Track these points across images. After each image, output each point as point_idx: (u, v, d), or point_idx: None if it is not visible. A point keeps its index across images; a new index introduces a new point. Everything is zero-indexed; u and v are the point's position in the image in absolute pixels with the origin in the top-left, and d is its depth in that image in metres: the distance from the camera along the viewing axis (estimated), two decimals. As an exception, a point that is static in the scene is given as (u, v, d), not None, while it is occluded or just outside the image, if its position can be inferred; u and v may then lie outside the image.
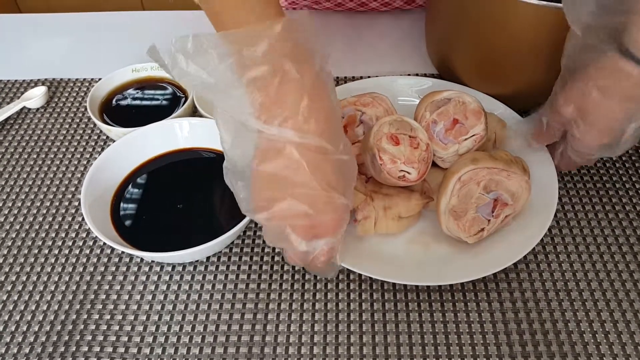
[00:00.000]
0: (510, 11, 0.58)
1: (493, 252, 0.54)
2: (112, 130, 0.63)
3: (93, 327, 0.52)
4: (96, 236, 0.58)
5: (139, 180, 0.61)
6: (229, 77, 0.41)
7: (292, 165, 0.42)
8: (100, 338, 0.51)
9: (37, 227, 0.60)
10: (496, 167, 0.54)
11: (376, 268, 0.52)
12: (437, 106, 0.58)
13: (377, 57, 0.80)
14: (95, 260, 0.57)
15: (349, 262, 0.52)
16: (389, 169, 0.54)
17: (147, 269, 0.56)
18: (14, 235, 0.60)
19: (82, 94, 0.76)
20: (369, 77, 0.76)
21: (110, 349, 0.50)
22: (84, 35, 0.86)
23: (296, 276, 0.55)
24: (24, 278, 0.56)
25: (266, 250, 0.57)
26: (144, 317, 0.53)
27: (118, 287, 0.55)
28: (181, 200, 0.59)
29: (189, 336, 0.51)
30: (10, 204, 0.63)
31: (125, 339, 0.51)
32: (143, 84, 0.71)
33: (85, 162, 0.67)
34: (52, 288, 0.55)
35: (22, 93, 0.76)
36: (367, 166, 0.56)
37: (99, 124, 0.64)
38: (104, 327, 0.52)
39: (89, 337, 0.51)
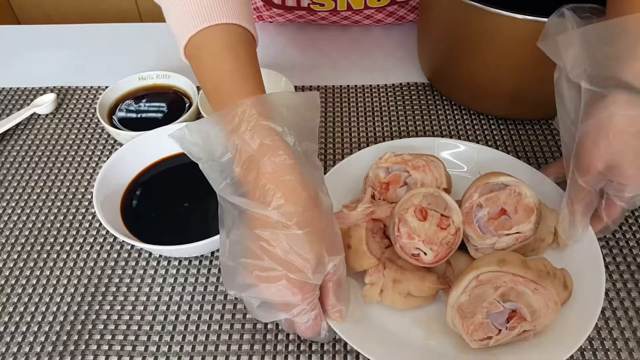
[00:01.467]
0: (502, 25, 0.61)
1: None
2: (121, 134, 0.67)
3: (104, 317, 0.55)
4: (106, 233, 0.62)
5: (147, 180, 0.64)
6: (207, 154, 0.47)
7: (248, 236, 0.45)
8: (112, 327, 0.54)
9: (49, 225, 0.63)
10: (524, 277, 0.47)
11: (367, 341, 0.48)
12: (489, 190, 0.53)
13: (371, 65, 0.85)
14: (105, 255, 0.60)
15: (340, 326, 0.49)
16: (403, 243, 0.51)
17: (154, 263, 0.60)
18: (27, 233, 0.63)
19: (90, 101, 0.80)
20: (363, 85, 0.81)
21: (121, 337, 0.54)
22: (92, 46, 0.90)
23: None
24: (38, 272, 0.59)
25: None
26: (153, 308, 0.56)
27: (128, 280, 0.58)
28: (187, 199, 0.62)
29: (195, 325, 0.54)
30: (22, 204, 0.66)
31: (135, 327, 0.54)
32: (150, 91, 0.75)
33: (94, 165, 0.70)
34: (65, 282, 0.58)
35: (32, 100, 0.79)
36: (390, 232, 0.53)
37: (108, 128, 0.67)
38: (115, 317, 0.55)
39: (101, 326, 0.54)
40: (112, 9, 2.13)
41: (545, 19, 0.56)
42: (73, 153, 0.72)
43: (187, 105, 0.73)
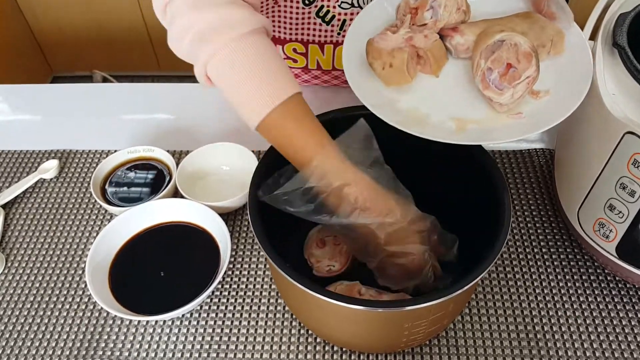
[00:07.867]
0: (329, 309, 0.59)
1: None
2: (110, 209, 0.80)
3: (94, 371, 0.69)
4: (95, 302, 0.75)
5: (130, 251, 0.77)
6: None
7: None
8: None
9: (43, 287, 0.77)
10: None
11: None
12: (491, 51, 0.61)
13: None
14: (97, 314, 0.74)
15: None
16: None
17: (136, 322, 0.73)
18: (23, 299, 0.76)
19: (88, 165, 0.92)
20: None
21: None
22: (93, 107, 1.02)
23: (259, 330, 0.71)
24: (33, 333, 0.73)
25: (228, 308, 0.74)
26: (133, 363, 0.69)
27: (114, 337, 0.71)
28: (163, 267, 0.75)
29: (166, 379, 0.68)
30: (21, 271, 0.79)
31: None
32: (137, 163, 0.88)
33: (90, 229, 0.83)
34: (60, 344, 0.72)
35: (38, 164, 0.92)
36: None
37: (101, 202, 0.80)
38: (103, 371, 0.69)
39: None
40: (119, 18, 2.25)
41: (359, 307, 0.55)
42: (73, 217, 0.85)
43: (168, 177, 0.85)
